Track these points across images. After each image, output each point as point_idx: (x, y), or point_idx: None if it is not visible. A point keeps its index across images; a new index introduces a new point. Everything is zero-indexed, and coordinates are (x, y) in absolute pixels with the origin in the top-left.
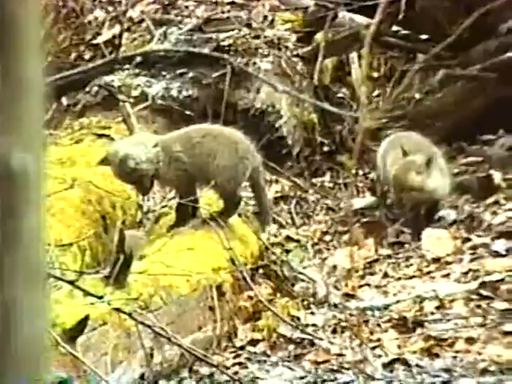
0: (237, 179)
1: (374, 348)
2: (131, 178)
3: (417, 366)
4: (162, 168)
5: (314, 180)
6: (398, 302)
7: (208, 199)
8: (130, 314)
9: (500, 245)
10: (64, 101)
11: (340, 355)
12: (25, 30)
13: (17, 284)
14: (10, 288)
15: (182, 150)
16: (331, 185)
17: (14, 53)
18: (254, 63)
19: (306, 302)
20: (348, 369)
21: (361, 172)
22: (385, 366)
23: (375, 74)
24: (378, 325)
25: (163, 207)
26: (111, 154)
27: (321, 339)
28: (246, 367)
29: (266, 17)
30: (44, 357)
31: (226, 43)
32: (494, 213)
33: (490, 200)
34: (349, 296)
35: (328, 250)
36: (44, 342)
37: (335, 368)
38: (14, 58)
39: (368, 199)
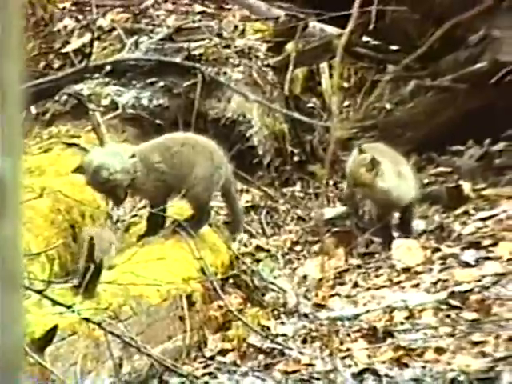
0: (211, 189)
1: (343, 358)
2: (104, 187)
3: (386, 375)
4: (140, 178)
5: (284, 190)
6: (367, 311)
7: (178, 209)
8: (99, 324)
9: (469, 255)
10: (33, 109)
11: (310, 365)
12: (5, 36)
13: None
14: None
15: (160, 160)
16: (302, 195)
17: None
18: (225, 73)
19: (276, 312)
20: (318, 379)
21: (331, 182)
22: (355, 375)
23: (346, 84)
24: (348, 335)
25: (133, 216)
26: (86, 163)
27: (291, 349)
28: (216, 377)
29: (236, 27)
30: (22, 364)
31: (196, 52)
32: (464, 223)
33: (460, 210)
34: (319, 306)
35: (298, 259)
36: (21, 350)
37: (305, 378)
38: None
39: (339, 209)
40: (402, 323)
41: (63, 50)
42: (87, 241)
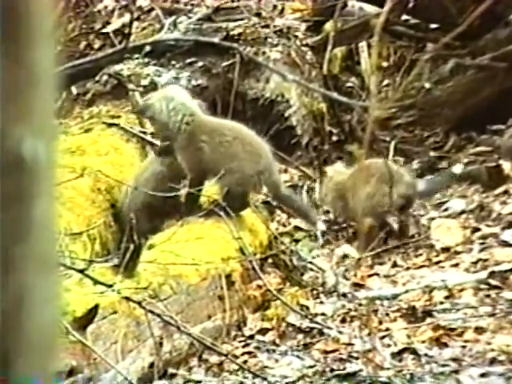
0: (246, 188)
1: (382, 338)
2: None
3: (426, 355)
4: (182, 141)
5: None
6: (406, 291)
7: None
8: (139, 303)
9: (509, 235)
10: (74, 90)
11: (349, 345)
12: (36, 18)
13: (28, 272)
14: (21, 276)
15: (207, 140)
16: None
17: (26, 41)
18: (264, 53)
19: (315, 292)
20: (357, 358)
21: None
22: (394, 355)
23: (384, 64)
24: (387, 314)
25: (174, 196)
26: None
27: (330, 328)
28: (256, 356)
29: (275, 6)
30: (55, 345)
31: (235, 32)
32: (504, 203)
33: (500, 190)
34: (358, 285)
35: (337, 239)
36: (55, 331)
37: (344, 357)
38: (26, 45)
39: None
40: (441, 303)
41: (103, 31)
42: (128, 221)
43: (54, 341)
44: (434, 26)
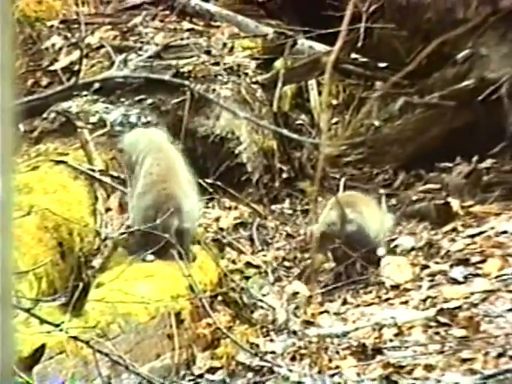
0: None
1: (333, 375)
2: None
3: None
4: None
5: (273, 206)
6: (357, 329)
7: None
8: (87, 342)
9: (458, 272)
10: (21, 127)
11: (299, 383)
12: None
13: None
14: None
15: None
16: (290, 211)
17: None
18: (214, 90)
19: (265, 330)
20: None
21: (320, 199)
22: None
23: (334, 101)
24: (337, 352)
25: (121, 234)
26: None
27: (280, 366)
28: None
29: (225, 44)
30: (13, 379)
31: (185, 70)
32: (452, 240)
33: (448, 227)
34: (308, 323)
35: (287, 277)
36: (12, 366)
37: None
38: None
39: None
40: (391, 340)
41: (51, 68)
42: (76, 259)
43: (11, 376)
44: (382, 64)
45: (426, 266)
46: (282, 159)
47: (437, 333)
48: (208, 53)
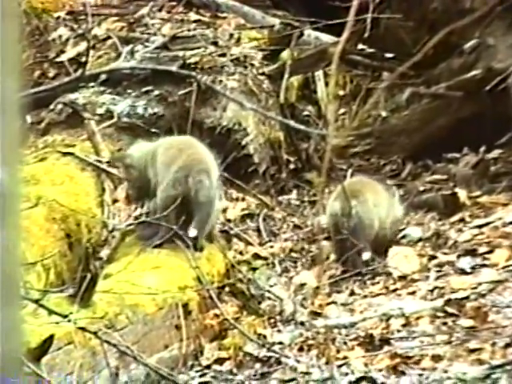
0: None
1: (340, 366)
2: None
3: (383, 383)
4: None
5: (280, 198)
6: (364, 319)
7: None
8: (95, 333)
9: (465, 262)
10: (28, 119)
11: (307, 373)
12: (5, 45)
13: None
14: None
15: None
16: (297, 202)
17: None
18: (220, 81)
19: (272, 320)
20: None
21: (327, 190)
22: (351, 383)
23: (341, 92)
24: (345, 343)
25: (128, 225)
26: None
27: (287, 357)
28: None
29: (231, 35)
30: (21, 372)
31: (192, 61)
32: (460, 230)
33: (456, 218)
34: (315, 314)
35: (295, 268)
36: (20, 358)
37: None
38: None
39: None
40: (398, 331)
41: (58, 59)
42: (83, 250)
43: (19, 368)
44: (389, 55)
45: (433, 257)
46: (288, 150)
47: (444, 323)
48: (215, 44)
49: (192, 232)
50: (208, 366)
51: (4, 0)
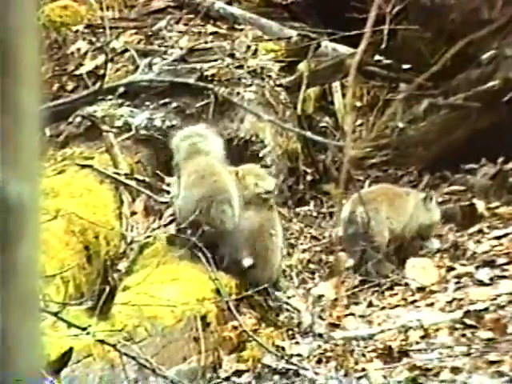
0: None
1: (359, 378)
2: None
3: None
4: None
5: (297, 209)
6: (382, 331)
7: None
8: (114, 346)
9: (484, 274)
10: (47, 131)
11: None
12: (25, 58)
13: (13, 315)
14: (6, 319)
15: None
16: (315, 214)
17: (14, 80)
18: (238, 93)
19: (290, 332)
20: None
21: (345, 201)
22: None
23: (358, 104)
24: (363, 355)
25: (147, 237)
26: None
27: (306, 369)
28: None
29: (249, 47)
30: None
31: (209, 73)
32: (478, 241)
33: (474, 229)
34: (334, 326)
35: (313, 279)
36: (39, 372)
37: None
38: (14, 85)
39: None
40: (417, 343)
41: (77, 72)
42: (102, 262)
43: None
44: (406, 66)
45: (451, 268)
46: (306, 162)
47: (463, 335)
48: (232, 56)
49: (247, 261)
50: (227, 378)
51: (23, 14)
